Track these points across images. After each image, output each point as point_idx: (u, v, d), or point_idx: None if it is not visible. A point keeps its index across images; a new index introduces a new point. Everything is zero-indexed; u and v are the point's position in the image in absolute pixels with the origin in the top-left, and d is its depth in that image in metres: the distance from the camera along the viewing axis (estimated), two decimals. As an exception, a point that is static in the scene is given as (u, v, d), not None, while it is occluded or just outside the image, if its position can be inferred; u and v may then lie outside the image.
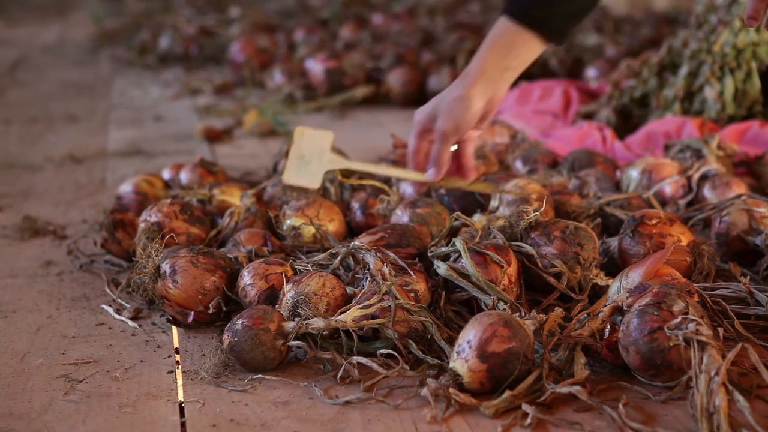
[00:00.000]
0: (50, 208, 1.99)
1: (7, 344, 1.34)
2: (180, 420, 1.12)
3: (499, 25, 1.32)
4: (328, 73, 3.09)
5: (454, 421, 1.10)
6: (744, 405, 1.02)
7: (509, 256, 1.34)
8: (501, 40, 1.30)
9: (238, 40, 3.64)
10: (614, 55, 3.34)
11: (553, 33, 1.30)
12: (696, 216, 1.65)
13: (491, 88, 1.30)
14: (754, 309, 1.32)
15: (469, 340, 1.14)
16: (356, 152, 2.22)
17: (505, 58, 1.29)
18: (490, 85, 1.30)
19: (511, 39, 1.30)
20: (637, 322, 1.14)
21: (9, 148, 2.57)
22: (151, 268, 1.38)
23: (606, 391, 1.15)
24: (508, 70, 1.30)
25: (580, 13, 1.31)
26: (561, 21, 1.30)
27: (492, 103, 1.33)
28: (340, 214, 1.62)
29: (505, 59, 1.30)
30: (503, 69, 1.30)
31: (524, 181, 1.62)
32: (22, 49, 4.48)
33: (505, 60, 1.29)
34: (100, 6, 5.72)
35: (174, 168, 1.93)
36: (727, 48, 2.28)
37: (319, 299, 1.27)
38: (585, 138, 2.25)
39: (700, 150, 1.88)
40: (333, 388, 1.18)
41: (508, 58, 1.29)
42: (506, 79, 1.31)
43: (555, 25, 1.29)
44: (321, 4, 5.02)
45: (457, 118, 1.29)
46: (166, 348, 1.32)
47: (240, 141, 2.58)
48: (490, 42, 1.31)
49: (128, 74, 3.75)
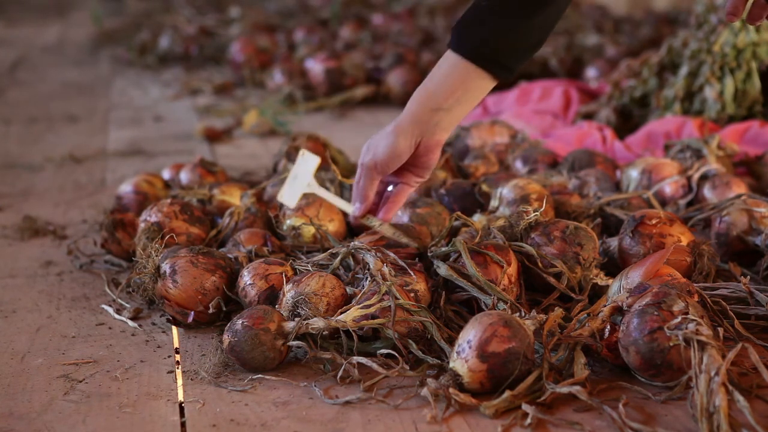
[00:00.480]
0: (50, 208, 1.99)
1: (7, 344, 1.34)
2: (180, 420, 1.12)
3: (443, 60, 1.25)
4: (328, 73, 3.09)
5: (454, 421, 1.10)
6: (744, 405, 1.02)
7: (509, 256, 1.34)
8: (439, 78, 1.24)
9: (238, 40, 3.64)
10: (614, 55, 3.34)
11: (500, 70, 1.23)
12: (696, 216, 1.65)
13: (419, 129, 1.24)
14: (754, 309, 1.32)
15: (469, 340, 1.14)
16: (356, 152, 2.21)
17: (437, 98, 1.23)
18: (418, 126, 1.24)
19: (450, 76, 1.23)
20: (637, 322, 1.14)
21: (9, 148, 2.57)
22: (151, 268, 1.38)
23: (606, 391, 1.15)
24: (440, 111, 1.23)
25: (529, 48, 1.24)
26: (511, 58, 1.23)
27: (426, 146, 1.25)
28: (340, 214, 1.62)
29: (436, 99, 1.23)
30: (435, 109, 1.23)
31: (524, 181, 1.62)
32: (22, 49, 4.48)
33: (437, 100, 1.23)
34: (100, 6, 5.72)
35: (174, 168, 1.93)
36: (727, 48, 2.28)
37: (319, 299, 1.27)
38: (585, 138, 2.25)
39: (700, 150, 1.88)
40: (333, 388, 1.18)
41: (441, 98, 1.23)
42: (438, 121, 1.24)
43: (504, 61, 1.22)
44: (321, 4, 5.02)
45: (378, 155, 1.25)
46: (166, 348, 1.32)
47: (240, 141, 2.58)
48: (429, 79, 1.25)
49: (128, 74, 3.75)
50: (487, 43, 1.21)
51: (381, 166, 1.26)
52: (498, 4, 1.20)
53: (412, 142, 1.25)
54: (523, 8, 1.20)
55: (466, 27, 1.22)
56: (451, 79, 1.23)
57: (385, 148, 1.25)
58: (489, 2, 1.21)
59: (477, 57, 1.22)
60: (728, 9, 1.23)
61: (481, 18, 1.22)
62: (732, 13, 1.24)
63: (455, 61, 1.23)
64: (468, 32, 1.22)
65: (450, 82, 1.23)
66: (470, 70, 1.22)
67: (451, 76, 1.23)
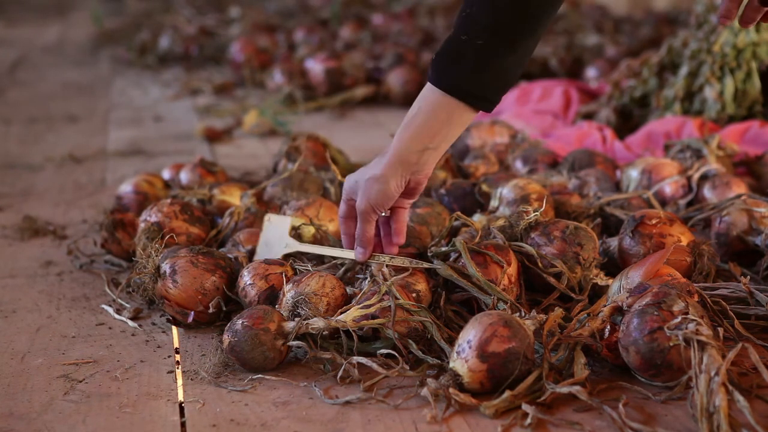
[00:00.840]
0: (50, 208, 1.99)
1: (7, 344, 1.34)
2: (180, 420, 1.12)
3: (423, 97, 1.24)
4: (328, 73, 3.10)
5: (454, 421, 1.10)
6: (744, 405, 1.02)
7: (509, 256, 1.34)
8: (423, 116, 1.23)
9: (238, 40, 3.64)
10: (614, 55, 3.34)
11: (483, 104, 1.23)
12: (696, 216, 1.65)
13: (408, 169, 1.25)
14: (754, 309, 1.32)
15: (469, 340, 1.14)
16: (356, 152, 2.23)
17: (424, 138, 1.23)
18: (407, 167, 1.25)
19: (434, 114, 1.23)
20: (637, 322, 1.14)
21: (9, 148, 2.57)
22: (151, 268, 1.38)
23: (606, 391, 1.15)
24: (427, 150, 1.24)
25: (511, 79, 1.24)
26: (493, 91, 1.23)
27: (416, 181, 1.27)
28: (340, 214, 1.62)
29: (423, 139, 1.23)
30: (421, 150, 1.24)
31: (524, 181, 1.62)
32: (22, 49, 4.48)
33: (423, 140, 1.23)
34: (100, 6, 5.72)
35: (174, 168, 1.93)
36: (727, 48, 2.28)
37: (319, 299, 1.27)
38: (585, 138, 2.25)
39: (700, 150, 1.88)
40: (333, 388, 1.18)
41: (426, 138, 1.23)
42: (425, 160, 1.25)
43: (487, 95, 1.23)
44: (321, 4, 5.02)
45: (372, 199, 1.27)
46: (166, 348, 1.32)
47: (240, 141, 2.58)
48: (412, 117, 1.24)
49: (128, 74, 3.75)
50: (470, 79, 1.21)
51: (377, 209, 1.28)
52: (479, 40, 1.19)
53: (402, 183, 1.27)
54: (505, 44, 1.20)
55: (448, 62, 1.22)
56: (436, 117, 1.23)
57: (378, 192, 1.26)
58: (469, 37, 1.20)
59: (461, 93, 1.22)
60: (721, 12, 1.23)
61: (462, 53, 1.21)
62: (725, 16, 1.23)
63: (438, 98, 1.23)
64: (450, 68, 1.22)
65: (435, 121, 1.23)
66: (454, 106, 1.22)
67: (435, 114, 1.23)
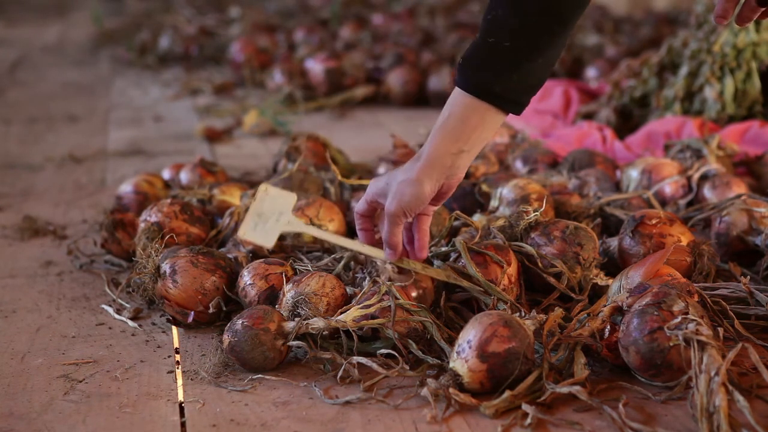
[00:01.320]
0: (50, 208, 1.99)
1: (7, 344, 1.34)
2: (180, 420, 1.12)
3: (454, 100, 1.24)
4: (328, 73, 3.09)
5: (454, 421, 1.10)
6: (744, 405, 1.02)
7: (509, 256, 1.34)
8: (455, 119, 1.23)
9: (238, 40, 3.64)
10: (614, 55, 3.34)
11: (513, 106, 1.24)
12: (696, 216, 1.65)
13: (443, 173, 1.25)
14: (754, 309, 1.32)
15: (469, 340, 1.14)
16: (356, 152, 2.23)
17: (458, 141, 1.23)
18: (442, 170, 1.24)
19: (466, 117, 1.23)
20: (637, 322, 1.14)
21: (9, 148, 2.57)
22: (151, 268, 1.38)
23: (606, 391, 1.15)
24: (462, 153, 1.24)
25: (539, 82, 1.24)
26: (521, 94, 1.23)
27: (449, 185, 1.27)
28: (340, 214, 1.62)
29: (458, 142, 1.23)
30: (456, 153, 1.24)
31: (524, 181, 1.62)
32: (22, 49, 4.48)
33: (457, 143, 1.23)
34: (100, 6, 5.72)
35: (174, 168, 1.93)
36: (727, 48, 2.28)
37: (319, 299, 1.27)
38: (585, 138, 2.25)
39: (700, 150, 1.88)
40: (333, 388, 1.18)
41: (461, 141, 1.23)
42: (460, 163, 1.25)
43: (516, 98, 1.23)
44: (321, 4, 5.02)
45: (404, 202, 1.25)
46: (166, 348, 1.32)
47: (240, 141, 2.58)
48: (444, 121, 1.24)
49: (128, 74, 3.75)
50: (499, 83, 1.21)
51: (408, 213, 1.27)
52: (506, 42, 1.19)
53: (436, 187, 1.26)
54: (532, 47, 1.20)
55: (475, 66, 1.22)
56: (468, 120, 1.23)
57: (411, 196, 1.25)
58: (496, 40, 1.20)
59: (490, 97, 1.22)
60: (717, 11, 1.23)
61: (489, 56, 1.21)
62: (721, 15, 1.23)
63: (469, 102, 1.23)
64: (478, 72, 1.22)
65: (467, 124, 1.23)
66: (485, 109, 1.22)
67: (467, 117, 1.23)
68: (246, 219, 1.40)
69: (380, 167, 1.92)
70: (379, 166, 1.93)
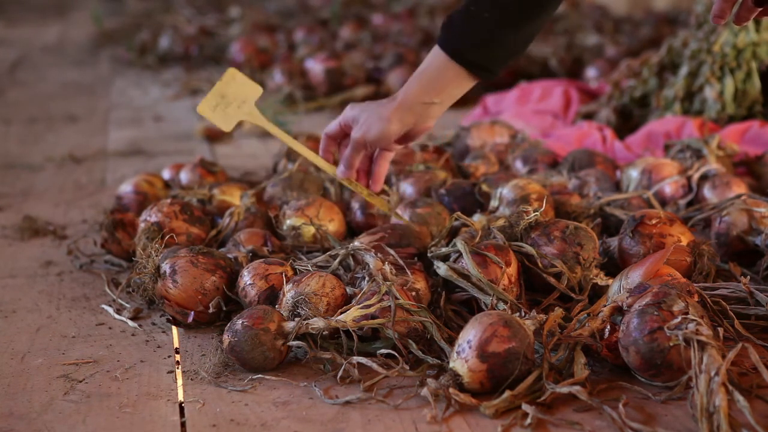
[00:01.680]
0: (50, 208, 1.99)
1: (7, 344, 1.34)
2: (180, 420, 1.12)
3: (433, 56, 1.36)
4: (328, 73, 3.09)
5: (454, 421, 1.10)
6: (744, 405, 1.02)
7: (509, 257, 1.34)
8: (431, 73, 1.35)
9: (238, 40, 3.64)
10: (614, 55, 3.34)
11: (483, 72, 1.35)
12: (696, 216, 1.65)
13: (413, 118, 1.36)
14: (754, 309, 1.32)
15: (469, 340, 1.14)
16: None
17: (431, 93, 1.35)
18: (411, 115, 1.36)
19: (441, 73, 1.35)
20: (637, 322, 1.14)
21: (9, 148, 2.57)
22: (151, 268, 1.38)
23: (606, 391, 1.15)
24: (433, 105, 1.36)
25: (511, 55, 1.35)
26: (492, 62, 1.35)
27: (416, 129, 1.38)
28: (340, 214, 1.62)
29: (430, 93, 1.35)
30: (427, 103, 1.35)
31: (524, 181, 1.62)
32: (22, 49, 4.48)
33: (430, 94, 1.35)
34: (100, 6, 5.72)
35: (174, 168, 1.93)
36: (727, 48, 2.28)
37: (319, 299, 1.27)
38: (585, 138, 2.25)
39: (700, 150, 1.88)
40: (333, 388, 1.18)
41: (432, 93, 1.35)
42: (430, 113, 1.37)
43: (486, 66, 1.34)
44: (321, 4, 5.02)
45: (370, 134, 1.36)
46: (166, 348, 1.32)
47: (240, 141, 2.58)
48: (421, 71, 1.37)
49: (128, 74, 3.75)
50: (472, 49, 1.33)
51: (370, 144, 1.38)
52: (486, 13, 1.30)
53: (402, 128, 1.37)
54: (509, 20, 1.31)
55: (455, 30, 1.34)
56: (443, 77, 1.35)
57: (378, 131, 1.36)
58: (476, 8, 1.31)
59: (463, 61, 1.34)
60: (714, 11, 1.24)
61: (468, 23, 1.32)
62: (718, 15, 1.24)
63: (444, 60, 1.35)
64: (456, 36, 1.34)
65: (442, 80, 1.36)
66: (459, 71, 1.35)
67: (443, 74, 1.36)
68: (208, 96, 1.40)
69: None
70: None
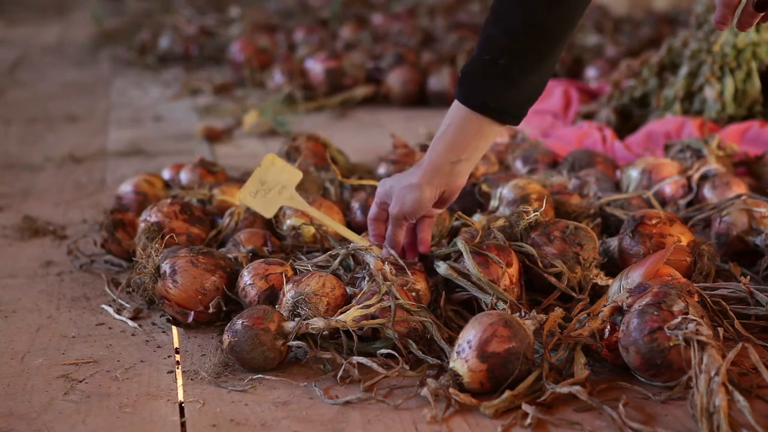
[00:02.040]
0: (50, 208, 1.99)
1: (7, 344, 1.34)
2: (180, 420, 1.12)
3: (455, 112, 1.31)
4: (328, 73, 3.09)
5: (454, 421, 1.10)
6: (744, 405, 1.02)
7: (511, 257, 1.34)
8: (455, 130, 1.30)
9: (238, 40, 3.64)
10: (614, 55, 3.34)
11: (511, 119, 1.31)
12: (696, 216, 1.65)
13: (443, 180, 1.31)
14: (754, 309, 1.32)
15: (469, 340, 1.14)
16: (356, 152, 2.23)
17: (457, 150, 1.30)
18: (442, 177, 1.31)
19: (465, 128, 1.30)
20: (637, 322, 1.14)
21: (9, 148, 2.57)
22: (151, 268, 1.38)
23: (606, 391, 1.15)
24: (461, 162, 1.31)
25: (533, 96, 1.31)
26: (519, 107, 1.30)
27: (449, 192, 1.33)
28: (340, 214, 1.62)
29: (456, 151, 1.30)
30: (455, 162, 1.30)
31: (524, 181, 1.62)
32: (22, 49, 4.48)
33: (456, 152, 1.30)
34: (100, 6, 5.72)
35: (174, 168, 1.93)
36: (727, 48, 2.28)
37: (319, 299, 1.27)
38: (585, 138, 2.25)
39: (700, 150, 1.88)
40: (333, 388, 1.18)
41: (459, 150, 1.30)
42: (459, 170, 1.31)
43: (513, 111, 1.30)
44: (321, 4, 5.02)
45: (406, 207, 1.32)
46: (166, 348, 1.32)
47: (240, 141, 2.58)
48: (444, 131, 1.31)
49: (128, 74, 3.75)
50: (495, 97, 1.28)
51: (409, 216, 1.33)
52: (501, 60, 1.26)
53: (436, 193, 1.32)
54: (525, 64, 1.27)
55: (474, 81, 1.29)
56: (466, 132, 1.30)
57: (413, 201, 1.31)
58: (491, 57, 1.26)
59: (487, 110, 1.29)
60: (716, 18, 1.24)
61: (486, 73, 1.27)
62: (720, 21, 1.25)
63: (467, 114, 1.30)
64: (476, 87, 1.28)
65: (466, 135, 1.30)
66: (482, 122, 1.30)
67: (466, 129, 1.30)
68: (248, 183, 1.40)
69: (380, 167, 1.93)
70: (379, 166, 1.94)
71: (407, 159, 1.86)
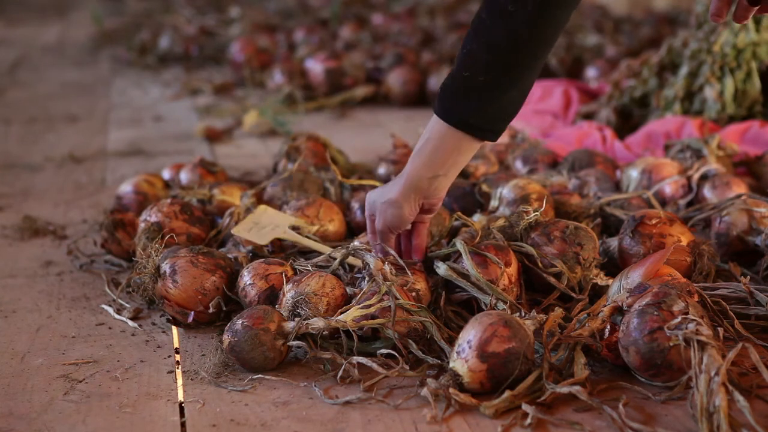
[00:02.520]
0: (50, 208, 1.99)
1: (7, 344, 1.34)
2: (180, 420, 1.12)
3: (433, 127, 1.30)
4: (328, 73, 3.09)
5: (454, 421, 1.10)
6: (744, 405, 1.02)
7: (509, 257, 1.34)
8: (433, 145, 1.30)
9: (238, 40, 3.64)
10: (614, 55, 3.34)
11: (489, 135, 1.30)
12: (696, 216, 1.65)
13: (421, 194, 1.32)
14: (754, 309, 1.32)
15: (469, 340, 1.14)
16: (356, 152, 2.23)
17: (434, 166, 1.30)
18: (419, 192, 1.32)
19: (443, 144, 1.29)
20: (637, 322, 1.14)
21: (9, 148, 2.57)
22: (151, 268, 1.38)
23: (606, 391, 1.15)
24: (438, 177, 1.31)
25: (513, 112, 1.30)
26: (497, 123, 1.29)
27: (429, 204, 1.34)
28: (340, 214, 1.62)
29: (433, 167, 1.30)
30: (432, 177, 1.30)
31: (524, 181, 1.62)
32: (22, 49, 4.48)
33: (433, 168, 1.30)
34: (100, 6, 5.72)
35: (174, 168, 1.93)
36: (727, 48, 2.28)
37: (319, 299, 1.27)
38: (585, 138, 2.25)
39: (700, 150, 1.88)
40: (333, 388, 1.18)
41: (436, 166, 1.30)
42: (437, 186, 1.31)
43: (492, 127, 1.29)
44: (321, 4, 5.02)
45: (389, 221, 1.33)
46: (166, 348, 1.32)
47: (240, 141, 2.58)
48: (422, 146, 1.31)
49: (128, 74, 3.75)
50: (474, 114, 1.27)
51: (394, 230, 1.35)
52: (481, 77, 1.25)
53: (416, 206, 1.33)
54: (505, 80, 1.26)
55: (452, 98, 1.28)
56: (444, 147, 1.30)
57: (393, 216, 1.33)
58: (471, 74, 1.25)
59: (467, 127, 1.28)
60: (712, 10, 1.24)
61: (465, 89, 1.27)
62: (716, 14, 1.25)
63: (445, 130, 1.29)
64: (455, 104, 1.28)
65: (444, 151, 1.30)
66: (460, 137, 1.29)
67: (444, 145, 1.30)
68: (242, 222, 1.46)
69: (380, 167, 1.93)
70: (379, 166, 1.94)
71: (407, 159, 1.86)
